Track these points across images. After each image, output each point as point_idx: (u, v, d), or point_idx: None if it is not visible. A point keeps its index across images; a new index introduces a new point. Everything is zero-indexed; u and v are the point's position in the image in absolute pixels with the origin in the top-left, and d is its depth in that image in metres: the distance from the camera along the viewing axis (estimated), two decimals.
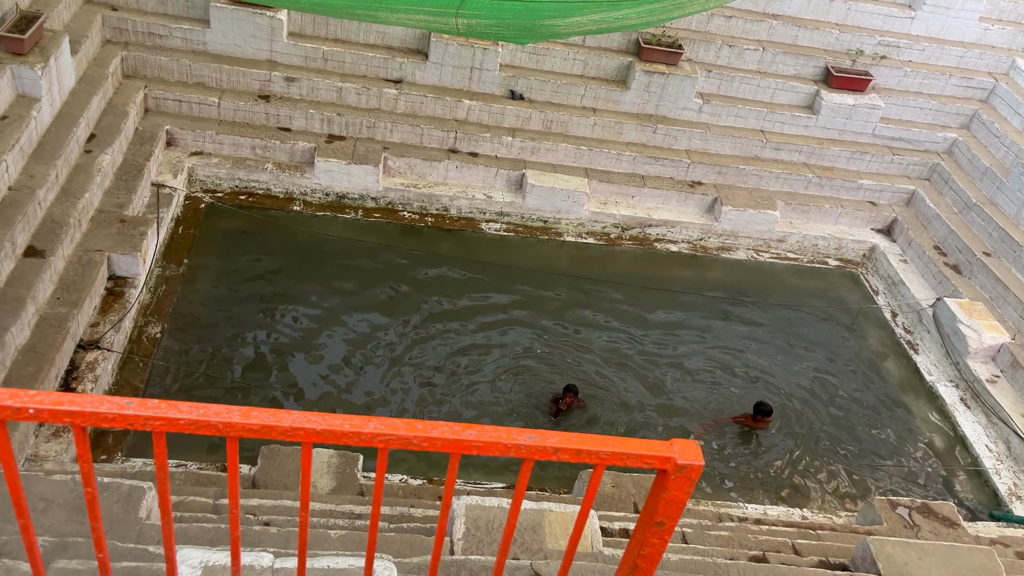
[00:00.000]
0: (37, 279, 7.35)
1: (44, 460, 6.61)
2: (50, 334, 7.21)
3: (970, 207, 11.61)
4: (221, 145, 10.46)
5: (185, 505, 5.66)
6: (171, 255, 9.25)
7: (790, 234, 11.71)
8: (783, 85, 12.14)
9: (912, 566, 5.57)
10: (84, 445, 1.64)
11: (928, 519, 7.00)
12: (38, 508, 4.65)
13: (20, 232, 7.54)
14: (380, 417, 1.73)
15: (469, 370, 8.74)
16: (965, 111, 12.61)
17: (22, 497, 1.68)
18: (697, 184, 11.71)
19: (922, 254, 11.40)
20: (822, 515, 7.95)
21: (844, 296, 11.24)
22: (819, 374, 9.72)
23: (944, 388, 9.81)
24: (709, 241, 11.56)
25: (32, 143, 8.37)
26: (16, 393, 1.55)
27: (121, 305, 8.14)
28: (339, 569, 3.73)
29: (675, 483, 1.78)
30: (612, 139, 11.70)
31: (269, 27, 10.63)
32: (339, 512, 5.71)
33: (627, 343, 9.53)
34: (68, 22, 9.86)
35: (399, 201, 10.80)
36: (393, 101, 11.08)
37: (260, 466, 6.37)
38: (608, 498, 6.70)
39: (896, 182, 12.29)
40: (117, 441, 7.20)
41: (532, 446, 1.72)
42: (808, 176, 11.96)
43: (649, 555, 1.91)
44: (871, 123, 12.22)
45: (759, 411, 8.62)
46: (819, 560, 5.95)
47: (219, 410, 1.63)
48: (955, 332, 9.99)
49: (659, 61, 11.64)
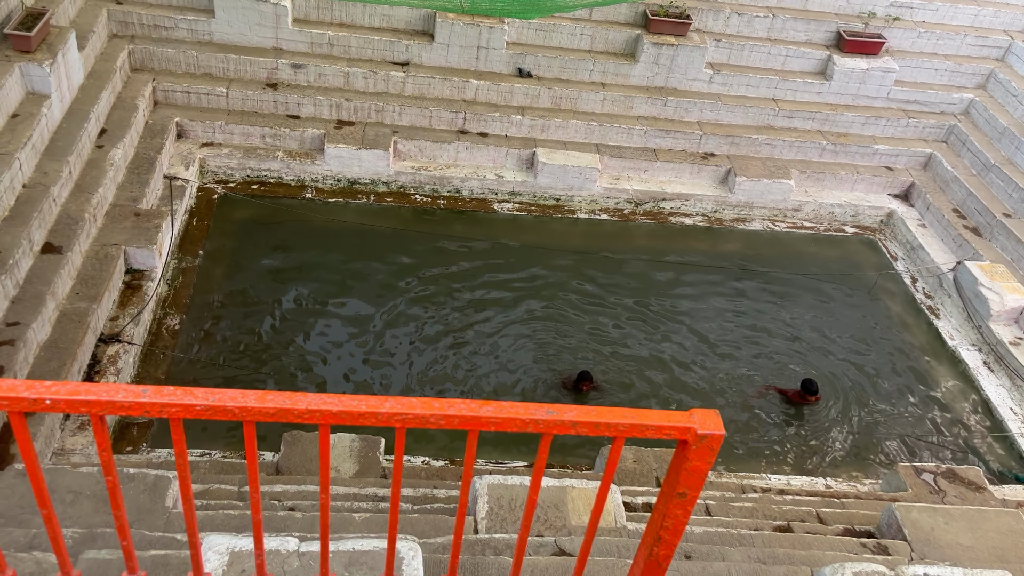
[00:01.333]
0: (56, 275, 7.41)
1: (71, 453, 6.69)
2: (71, 329, 7.28)
3: (989, 168, 11.43)
4: (231, 135, 10.47)
5: (211, 493, 5.71)
6: (186, 246, 9.29)
7: (806, 203, 11.58)
8: (794, 52, 11.97)
9: (939, 531, 5.54)
10: (102, 434, 1.65)
11: (953, 484, 6.95)
12: (66, 500, 4.71)
13: (37, 229, 7.60)
14: (396, 397, 1.72)
15: (487, 351, 8.74)
16: (981, 71, 12.39)
17: (44, 488, 1.69)
18: (710, 156, 11.60)
19: (941, 218, 11.25)
20: (846, 483, 7.92)
21: (863, 263, 11.12)
22: (839, 342, 9.64)
23: (967, 352, 9.71)
24: (724, 213, 11.46)
25: (44, 140, 8.41)
26: (32, 384, 1.55)
27: (139, 298, 8.19)
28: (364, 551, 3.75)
29: (696, 453, 1.76)
30: (622, 113, 11.60)
31: (274, 14, 10.59)
32: (363, 495, 5.75)
33: (647, 319, 9.49)
34: (74, 18, 9.87)
35: (411, 184, 10.78)
36: (401, 84, 11.03)
37: (283, 452, 6.42)
38: (630, 473, 6.70)
39: (912, 146, 12.11)
40: (142, 432, 7.27)
41: (550, 420, 1.70)
42: (822, 143, 11.81)
43: (672, 526, 1.90)
44: (885, 87, 12.03)
45: (806, 389, 8.54)
46: (844, 528, 5.93)
47: (234, 395, 1.62)
48: (976, 295, 9.87)
49: (667, 32, 11.50)
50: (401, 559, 3.49)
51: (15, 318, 6.92)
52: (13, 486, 4.70)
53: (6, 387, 1.52)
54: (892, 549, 5.41)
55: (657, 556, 1.99)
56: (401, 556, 3.68)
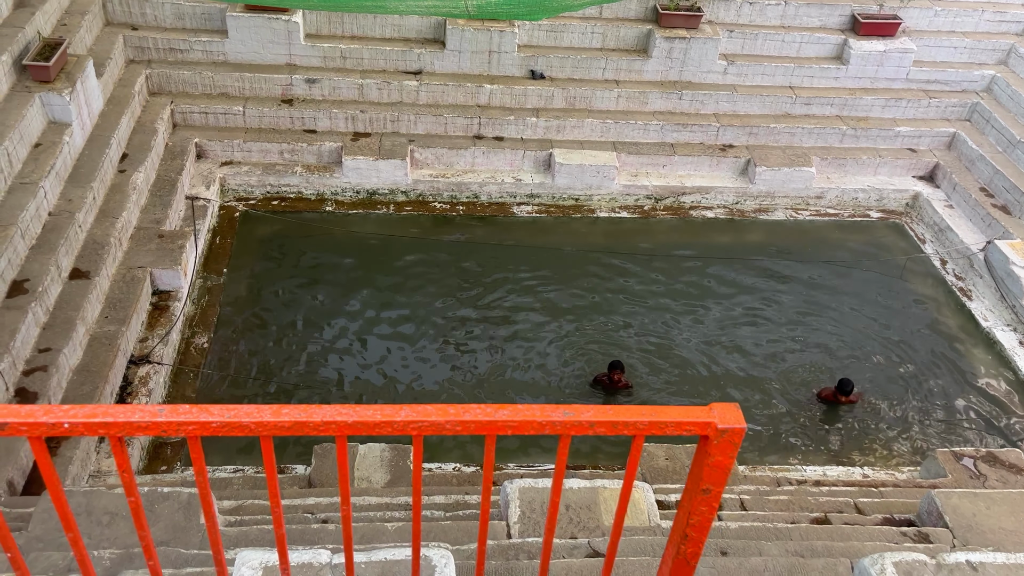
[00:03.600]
0: (84, 300, 7.52)
1: (107, 475, 6.78)
2: (102, 352, 7.38)
3: (1015, 144, 11.21)
4: (250, 153, 10.57)
5: (244, 509, 5.75)
6: (211, 265, 9.39)
7: (828, 189, 11.44)
8: (809, 38, 11.84)
9: (980, 516, 5.43)
10: (122, 455, 1.65)
11: (994, 468, 6.81)
12: (103, 522, 4.76)
13: (64, 256, 7.72)
14: (411, 404, 1.71)
15: (517, 355, 8.72)
16: (1001, 46, 12.17)
17: (68, 511, 1.70)
18: (728, 147, 11.50)
19: (968, 197, 11.05)
20: (884, 472, 7.79)
21: (890, 247, 10.96)
22: (871, 328, 9.50)
23: (1001, 333, 9.52)
24: (745, 204, 11.35)
25: (67, 167, 8.54)
26: (51, 409, 1.56)
27: (167, 318, 8.29)
28: (396, 560, 3.75)
29: (718, 448, 1.73)
30: (637, 110, 11.55)
31: (286, 31, 10.68)
32: (395, 504, 5.76)
33: (674, 315, 9.42)
34: (91, 46, 10.02)
35: (429, 192, 10.81)
36: (414, 93, 11.07)
37: (315, 465, 6.45)
38: (662, 471, 6.65)
39: (935, 126, 11.92)
40: (175, 452, 7.35)
41: (567, 422, 1.69)
42: (842, 128, 11.66)
43: (698, 523, 1.87)
44: (904, 68, 11.86)
45: (842, 390, 8.28)
46: (883, 517, 5.83)
47: (250, 410, 1.62)
48: (1009, 274, 9.68)
49: (679, 26, 11.43)
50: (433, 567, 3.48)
51: (47, 344, 7.03)
52: (50, 511, 4.76)
53: (25, 412, 1.53)
54: (933, 537, 5.31)
55: (685, 554, 1.96)
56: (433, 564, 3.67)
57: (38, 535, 4.53)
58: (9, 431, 1.51)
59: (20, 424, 1.52)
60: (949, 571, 4.04)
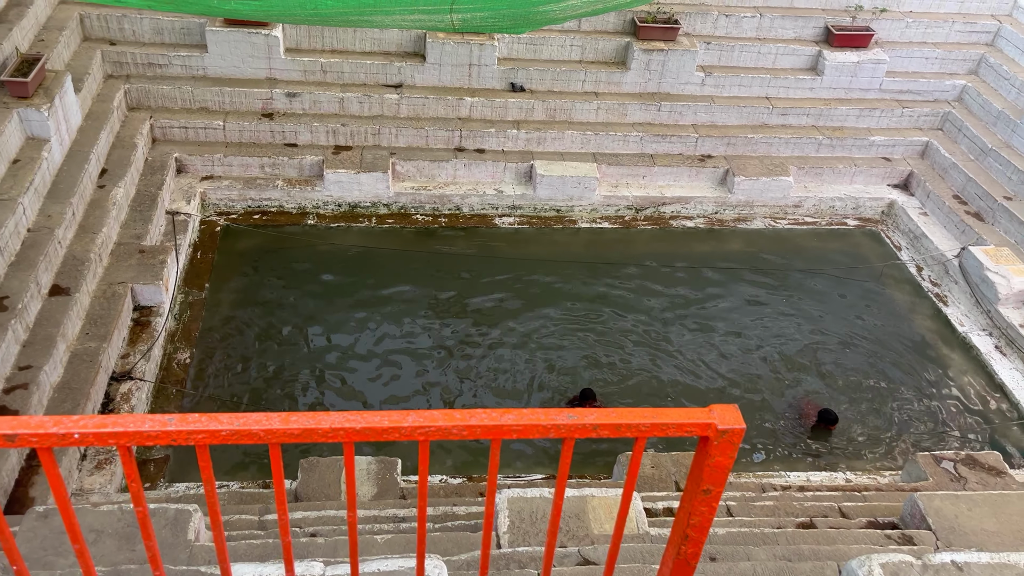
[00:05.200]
0: (65, 316, 7.45)
1: (89, 493, 6.70)
2: (83, 369, 7.31)
3: (986, 152, 11.45)
4: (230, 167, 10.54)
5: (231, 524, 5.72)
6: (192, 280, 9.34)
7: (806, 198, 11.60)
8: (784, 49, 12.03)
9: (963, 518, 5.51)
10: (131, 465, 1.66)
11: (974, 470, 6.92)
12: (89, 540, 4.72)
13: (44, 272, 7.64)
14: (418, 410, 1.74)
15: (500, 368, 8.75)
16: (972, 56, 12.44)
17: (75, 522, 1.70)
18: (707, 158, 11.63)
19: (942, 205, 11.26)
20: (866, 476, 7.89)
21: (867, 255, 11.13)
22: (849, 335, 9.63)
23: (977, 337, 9.69)
24: (725, 213, 11.48)
25: (46, 183, 8.47)
26: (60, 420, 1.57)
27: (149, 334, 8.23)
28: (389, 571, 3.75)
29: (718, 448, 1.77)
30: (617, 121, 11.66)
31: (266, 45, 10.68)
32: (383, 517, 5.75)
33: (655, 324, 9.49)
34: (69, 61, 9.97)
35: (411, 205, 10.83)
36: (395, 106, 11.10)
37: (301, 479, 6.42)
38: (648, 479, 6.69)
39: (908, 135, 12.14)
40: (159, 468, 7.28)
41: (571, 425, 1.72)
42: (818, 138, 11.85)
43: (698, 524, 1.91)
44: (877, 78, 12.08)
45: (824, 419, 8.29)
46: (868, 521, 5.91)
47: (259, 418, 1.64)
48: (983, 280, 9.86)
49: (657, 38, 11.57)
50: None
51: (27, 362, 6.96)
52: (35, 528, 4.71)
53: (35, 424, 1.54)
54: (917, 539, 5.39)
55: (685, 555, 1.99)
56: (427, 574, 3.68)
57: (24, 554, 4.47)
58: (20, 442, 1.51)
59: (31, 435, 1.52)
60: (935, 571, 4.11)
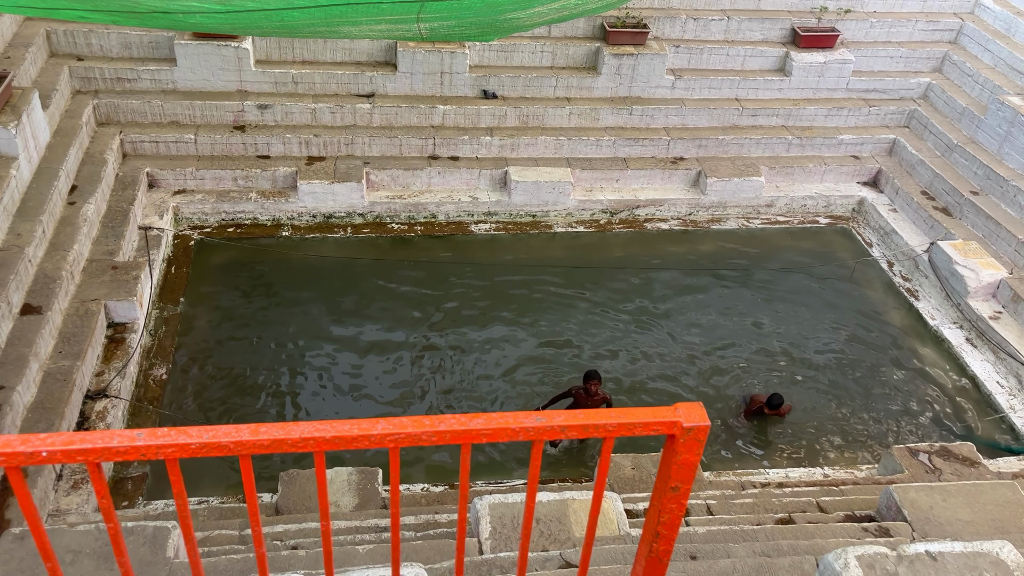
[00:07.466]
0: (37, 335, 7.37)
1: (66, 513, 6.62)
2: (57, 388, 7.23)
3: (952, 148, 11.64)
4: (203, 181, 10.48)
5: (212, 540, 5.67)
6: (167, 295, 9.27)
7: (777, 198, 11.73)
8: (752, 51, 12.17)
9: (938, 508, 5.60)
10: (100, 481, 1.66)
11: (948, 461, 7.03)
12: (66, 560, 4.66)
13: (14, 291, 7.56)
14: (387, 417, 1.75)
15: (480, 373, 8.76)
16: (935, 54, 12.65)
17: (47, 541, 1.70)
18: (679, 160, 11.73)
19: (910, 201, 11.43)
20: (843, 471, 7.98)
21: (839, 252, 11.27)
22: (823, 332, 9.74)
23: (948, 331, 9.84)
24: (698, 215, 11.58)
25: (15, 201, 8.38)
26: (27, 438, 1.57)
27: (124, 351, 8.15)
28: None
29: (684, 446, 1.80)
30: (590, 126, 11.73)
31: (236, 58, 10.65)
32: (364, 527, 5.73)
33: (631, 326, 9.55)
34: (36, 77, 9.88)
35: (386, 214, 10.82)
36: (368, 116, 11.10)
37: (281, 492, 6.39)
38: (629, 480, 6.72)
39: (876, 133, 12.32)
40: (136, 486, 7.22)
41: (539, 427, 1.74)
42: (788, 138, 11.99)
43: (668, 521, 1.94)
44: (843, 78, 12.25)
45: (771, 405, 8.30)
46: (845, 515, 5.98)
47: (228, 430, 1.65)
48: (952, 274, 10.02)
49: (626, 43, 11.66)
50: None
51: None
52: (11, 551, 4.65)
53: (1, 443, 1.54)
54: (893, 531, 5.46)
55: (657, 552, 2.02)
56: None
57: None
58: None
59: None
60: (910, 562, 4.17)
